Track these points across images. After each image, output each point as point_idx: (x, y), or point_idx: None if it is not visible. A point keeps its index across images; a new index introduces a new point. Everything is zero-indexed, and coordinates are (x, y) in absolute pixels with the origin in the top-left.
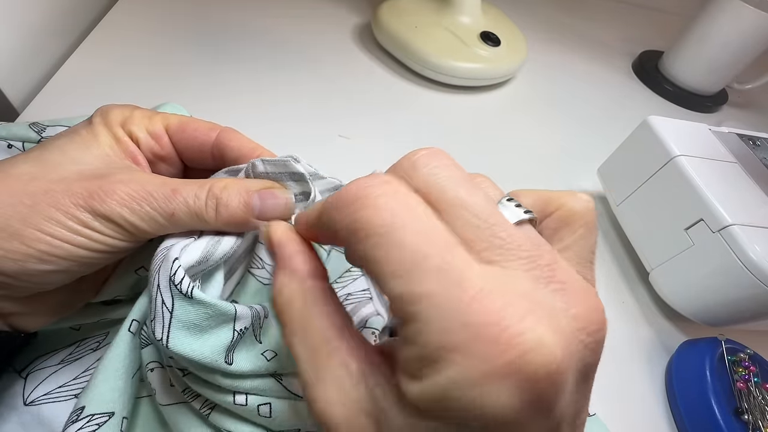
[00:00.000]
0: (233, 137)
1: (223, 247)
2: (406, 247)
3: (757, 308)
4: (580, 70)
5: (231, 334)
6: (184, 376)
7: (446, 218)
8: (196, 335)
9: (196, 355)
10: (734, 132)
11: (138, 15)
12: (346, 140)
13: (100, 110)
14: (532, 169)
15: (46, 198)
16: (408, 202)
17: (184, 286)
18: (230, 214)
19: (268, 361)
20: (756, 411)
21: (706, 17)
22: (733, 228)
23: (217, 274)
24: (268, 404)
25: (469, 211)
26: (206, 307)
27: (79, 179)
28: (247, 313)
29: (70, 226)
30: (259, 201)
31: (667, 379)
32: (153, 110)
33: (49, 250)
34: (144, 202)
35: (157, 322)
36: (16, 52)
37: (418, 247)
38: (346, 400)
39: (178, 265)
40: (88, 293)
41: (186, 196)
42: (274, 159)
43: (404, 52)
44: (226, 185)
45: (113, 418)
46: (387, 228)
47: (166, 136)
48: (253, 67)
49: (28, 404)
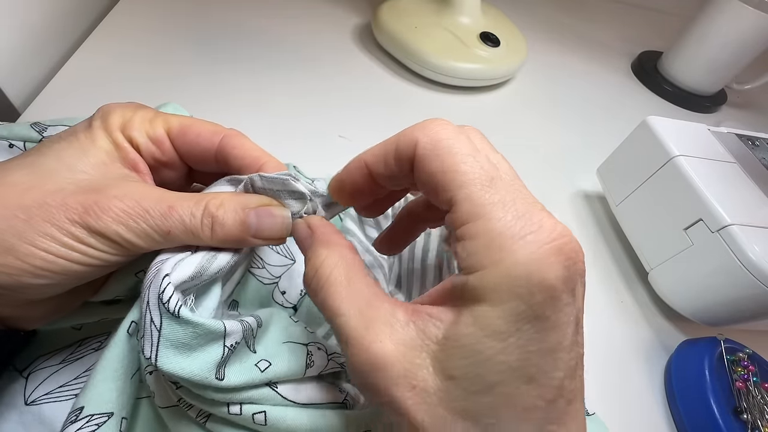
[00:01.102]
0: (237, 144)
1: (218, 262)
2: (476, 165)
3: (756, 308)
4: (579, 71)
5: (221, 350)
6: (177, 389)
7: None
8: (184, 354)
9: (185, 373)
10: (733, 132)
11: (138, 15)
12: (346, 140)
13: (100, 111)
14: (532, 169)
15: (41, 212)
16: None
17: (172, 305)
18: (226, 233)
19: (262, 372)
20: (755, 410)
21: (705, 18)
22: (732, 228)
23: (215, 287)
24: (263, 412)
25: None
26: (194, 326)
27: (75, 192)
28: (238, 328)
29: (65, 242)
30: (255, 219)
31: (667, 379)
32: (155, 111)
33: (44, 266)
34: (140, 219)
35: (146, 341)
36: (17, 52)
37: (485, 167)
38: (398, 340)
39: (168, 282)
40: (85, 294)
41: (182, 214)
42: (272, 176)
43: (404, 52)
44: (223, 202)
45: (112, 418)
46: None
47: (168, 141)
48: (253, 67)
49: (29, 404)
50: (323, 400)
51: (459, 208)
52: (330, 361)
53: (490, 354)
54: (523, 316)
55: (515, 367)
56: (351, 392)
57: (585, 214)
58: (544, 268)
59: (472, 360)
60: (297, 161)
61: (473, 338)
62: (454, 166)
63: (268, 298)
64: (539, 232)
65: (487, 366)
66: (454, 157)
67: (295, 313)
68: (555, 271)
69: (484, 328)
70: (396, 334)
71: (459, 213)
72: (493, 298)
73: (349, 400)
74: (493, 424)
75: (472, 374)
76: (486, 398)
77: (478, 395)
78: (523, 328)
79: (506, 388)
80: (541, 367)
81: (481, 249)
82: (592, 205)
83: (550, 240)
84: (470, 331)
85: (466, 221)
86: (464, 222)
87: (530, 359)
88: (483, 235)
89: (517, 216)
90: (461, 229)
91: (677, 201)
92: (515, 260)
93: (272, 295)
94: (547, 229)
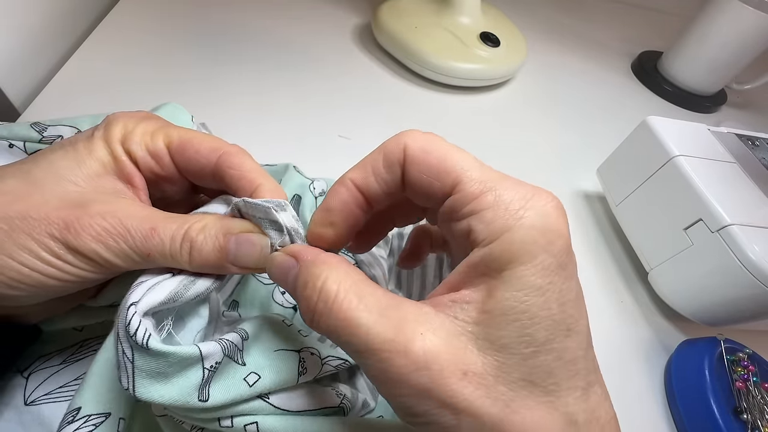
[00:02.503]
0: (234, 163)
1: (196, 287)
2: (466, 153)
3: (755, 308)
4: (579, 71)
5: (201, 373)
6: (165, 408)
7: None
8: (161, 381)
9: (165, 400)
10: (733, 132)
11: (138, 16)
12: (346, 140)
13: (106, 120)
14: (532, 169)
15: (23, 224)
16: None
17: (140, 337)
18: (204, 258)
19: (251, 386)
20: (755, 410)
21: (705, 18)
22: (732, 228)
23: (202, 309)
24: (255, 423)
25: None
26: (165, 356)
27: (58, 207)
28: (216, 348)
29: (42, 257)
30: (235, 246)
31: (667, 379)
32: (160, 122)
33: (19, 278)
34: (120, 239)
35: (122, 372)
36: (17, 52)
37: (470, 159)
38: (437, 331)
39: (134, 312)
40: (79, 297)
41: (163, 237)
42: (255, 202)
43: (404, 52)
44: (206, 226)
45: (110, 418)
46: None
47: (168, 156)
48: (252, 67)
49: (28, 404)
50: (318, 406)
51: (466, 186)
52: (324, 365)
53: (535, 311)
54: (552, 268)
55: (557, 320)
56: (348, 395)
57: (585, 214)
58: (553, 220)
59: (519, 323)
60: (297, 161)
61: (515, 300)
62: (448, 154)
63: (268, 299)
64: (540, 193)
65: (535, 324)
66: (447, 148)
67: (295, 314)
68: (562, 222)
69: (522, 288)
70: (432, 327)
71: (468, 190)
72: (523, 256)
73: (346, 403)
74: (554, 384)
75: (523, 337)
76: (541, 358)
77: (533, 358)
78: (555, 280)
79: (554, 343)
80: (574, 315)
81: (501, 214)
82: (592, 205)
83: (551, 198)
84: (510, 295)
85: (477, 195)
86: (476, 196)
87: (566, 310)
88: (499, 203)
89: (517, 185)
90: (474, 203)
91: (677, 201)
92: (533, 217)
93: (272, 295)
94: (543, 191)
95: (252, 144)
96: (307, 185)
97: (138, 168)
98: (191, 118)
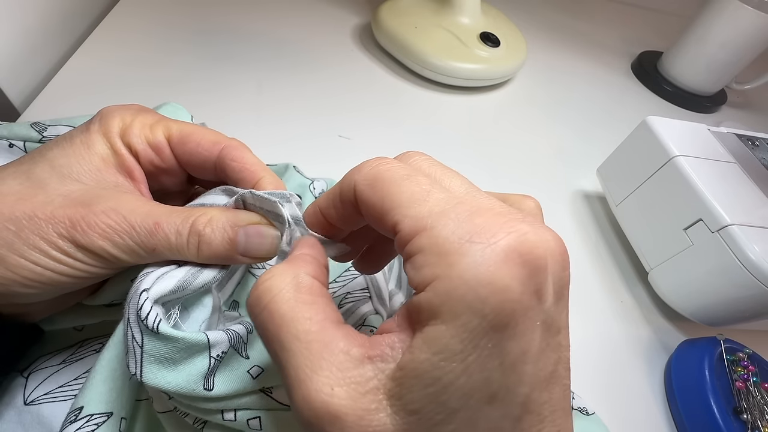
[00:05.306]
0: (236, 156)
1: (203, 277)
2: (411, 184)
3: (755, 308)
4: (579, 71)
5: (207, 361)
6: (170, 399)
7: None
8: (169, 367)
9: (172, 386)
10: (733, 132)
11: (139, 16)
12: (346, 140)
13: (100, 114)
14: (532, 170)
15: (30, 224)
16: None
17: (151, 321)
18: (213, 251)
19: (254, 378)
20: (755, 410)
21: (705, 18)
22: (732, 228)
23: (206, 299)
24: (258, 418)
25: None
26: (174, 341)
27: (63, 205)
28: (223, 338)
29: (53, 255)
30: (244, 238)
31: (666, 379)
32: (156, 115)
33: (33, 277)
34: (126, 235)
35: (130, 357)
36: (17, 52)
37: (421, 183)
38: (350, 385)
39: (146, 297)
40: (79, 294)
41: (168, 232)
42: (263, 195)
43: (404, 52)
44: (211, 219)
45: (112, 418)
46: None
47: (168, 148)
48: (252, 67)
49: (28, 404)
50: None
51: (401, 226)
52: None
53: (450, 379)
54: (478, 330)
55: (477, 388)
56: None
57: (585, 214)
58: (494, 270)
59: (432, 390)
60: (297, 161)
61: (429, 365)
62: (390, 191)
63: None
64: (491, 228)
65: (449, 392)
66: (389, 185)
67: None
68: (508, 273)
69: (439, 351)
70: (347, 379)
71: (405, 230)
72: (445, 314)
73: None
74: None
75: (433, 404)
76: (449, 427)
77: (440, 425)
78: (481, 343)
79: (468, 412)
80: (503, 383)
81: (431, 260)
82: (592, 205)
83: (499, 239)
84: (425, 358)
85: (410, 237)
86: (409, 238)
87: (491, 377)
88: (428, 247)
89: (466, 218)
90: (407, 247)
91: (677, 201)
92: (465, 265)
93: None
94: (493, 229)
95: (252, 144)
96: (307, 185)
97: (138, 161)
98: (191, 118)
